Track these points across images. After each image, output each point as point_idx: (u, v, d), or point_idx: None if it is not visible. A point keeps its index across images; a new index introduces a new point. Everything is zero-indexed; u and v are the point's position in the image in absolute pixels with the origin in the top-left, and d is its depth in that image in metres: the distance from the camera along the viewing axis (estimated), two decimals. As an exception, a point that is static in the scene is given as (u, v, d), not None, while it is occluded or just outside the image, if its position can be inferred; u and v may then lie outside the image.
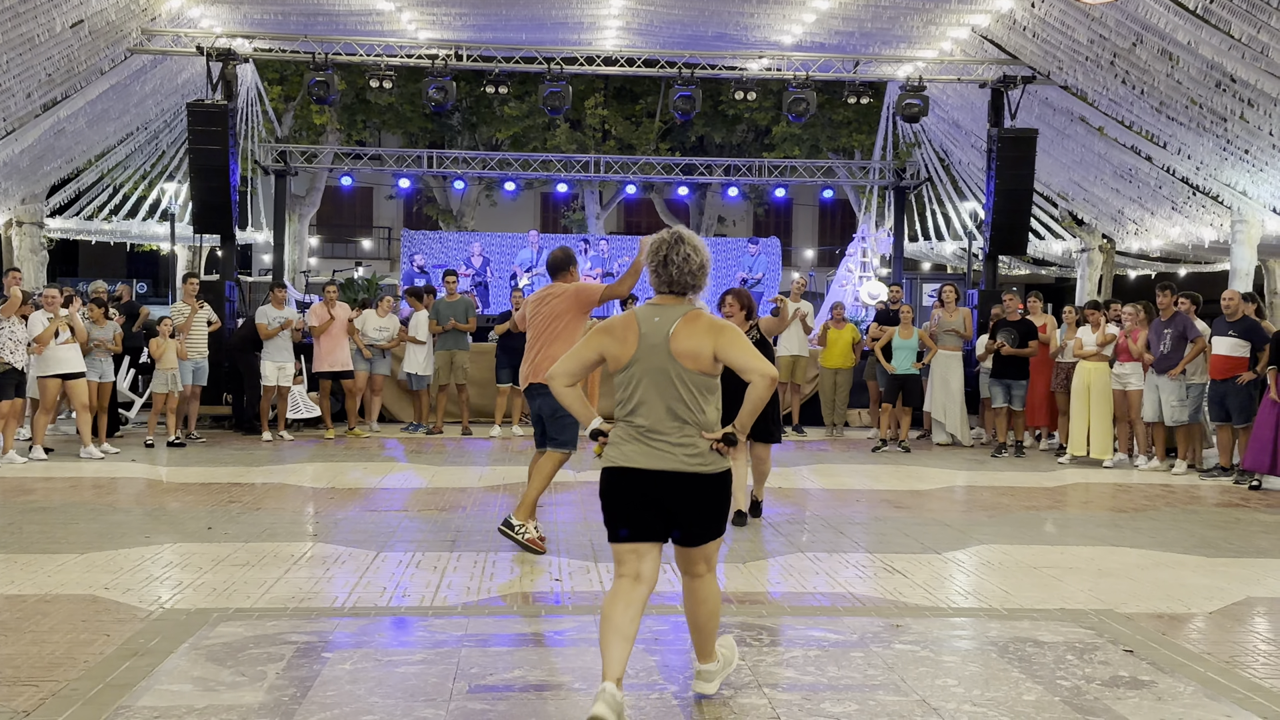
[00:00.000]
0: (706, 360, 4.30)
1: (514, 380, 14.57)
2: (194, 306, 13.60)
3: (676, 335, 4.30)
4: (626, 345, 4.37)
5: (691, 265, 4.39)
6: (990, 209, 17.34)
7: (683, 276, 4.39)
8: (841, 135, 26.45)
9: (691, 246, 4.40)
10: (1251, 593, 6.60)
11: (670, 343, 4.29)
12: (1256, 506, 9.88)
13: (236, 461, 11.78)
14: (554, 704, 4.48)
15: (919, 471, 11.79)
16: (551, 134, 26.97)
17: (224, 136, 15.78)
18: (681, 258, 4.38)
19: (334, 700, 4.49)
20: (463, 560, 7.10)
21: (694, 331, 4.31)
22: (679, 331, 4.30)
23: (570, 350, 4.56)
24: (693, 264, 4.39)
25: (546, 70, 17.23)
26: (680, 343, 4.29)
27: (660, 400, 4.31)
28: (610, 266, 23.11)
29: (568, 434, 7.50)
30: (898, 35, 17.34)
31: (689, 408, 4.30)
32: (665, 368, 4.30)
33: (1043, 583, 6.77)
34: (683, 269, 4.38)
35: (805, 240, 41.05)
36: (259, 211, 26.52)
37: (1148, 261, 26.30)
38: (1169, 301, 11.95)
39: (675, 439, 4.29)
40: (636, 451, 4.31)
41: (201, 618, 5.65)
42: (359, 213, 40.19)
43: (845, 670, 4.97)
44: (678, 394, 4.30)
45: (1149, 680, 4.90)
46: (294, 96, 24.68)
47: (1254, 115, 15.28)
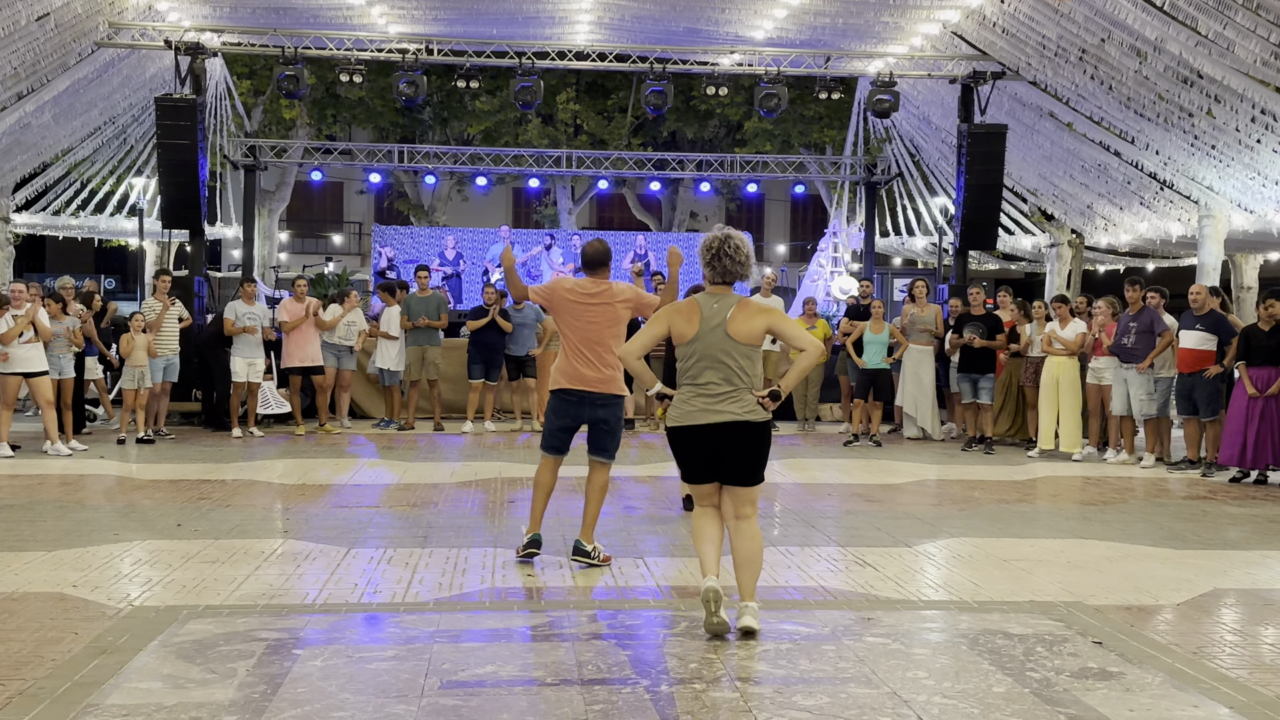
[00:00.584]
0: (758, 337, 5.40)
1: (486, 376, 14.55)
2: (165, 303, 13.50)
3: (734, 319, 5.36)
4: (691, 325, 5.41)
5: (739, 257, 5.40)
6: (960, 204, 17.43)
7: (734, 267, 5.42)
8: (813, 130, 26.51)
9: (738, 242, 5.42)
10: (1218, 584, 6.67)
11: (728, 325, 5.35)
12: (1223, 499, 9.98)
13: (206, 458, 11.71)
14: (526, 699, 4.48)
15: (890, 465, 11.84)
16: (523, 129, 26.91)
17: (192, 131, 15.67)
18: (731, 250, 5.40)
19: (305, 697, 4.47)
20: (435, 556, 7.08)
21: (748, 315, 5.39)
22: (735, 316, 5.37)
23: (643, 329, 5.63)
24: (740, 256, 5.40)
25: (518, 65, 17.19)
26: (737, 325, 5.35)
27: (718, 369, 5.35)
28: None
29: (616, 444, 7.20)
30: (868, 31, 17.39)
31: (741, 374, 5.37)
32: (724, 345, 5.35)
33: (1012, 575, 6.81)
34: (734, 259, 5.41)
35: (777, 236, 41.13)
36: (228, 207, 26.35)
37: (1116, 256, 26.50)
38: (1137, 296, 12.04)
39: (732, 397, 5.34)
40: (699, 410, 5.39)
41: (171, 615, 5.62)
42: (329, 208, 40.00)
43: (817, 663, 4.99)
44: (735, 363, 5.35)
45: (1117, 671, 4.94)
46: (263, 91, 24.53)
47: (1221, 111, 15.42)
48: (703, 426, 5.38)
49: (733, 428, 5.35)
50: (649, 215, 34.45)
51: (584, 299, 6.97)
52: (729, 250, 5.41)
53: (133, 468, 10.99)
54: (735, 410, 5.35)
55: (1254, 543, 8.05)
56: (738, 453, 5.38)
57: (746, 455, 5.40)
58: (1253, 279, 24.75)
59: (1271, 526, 8.73)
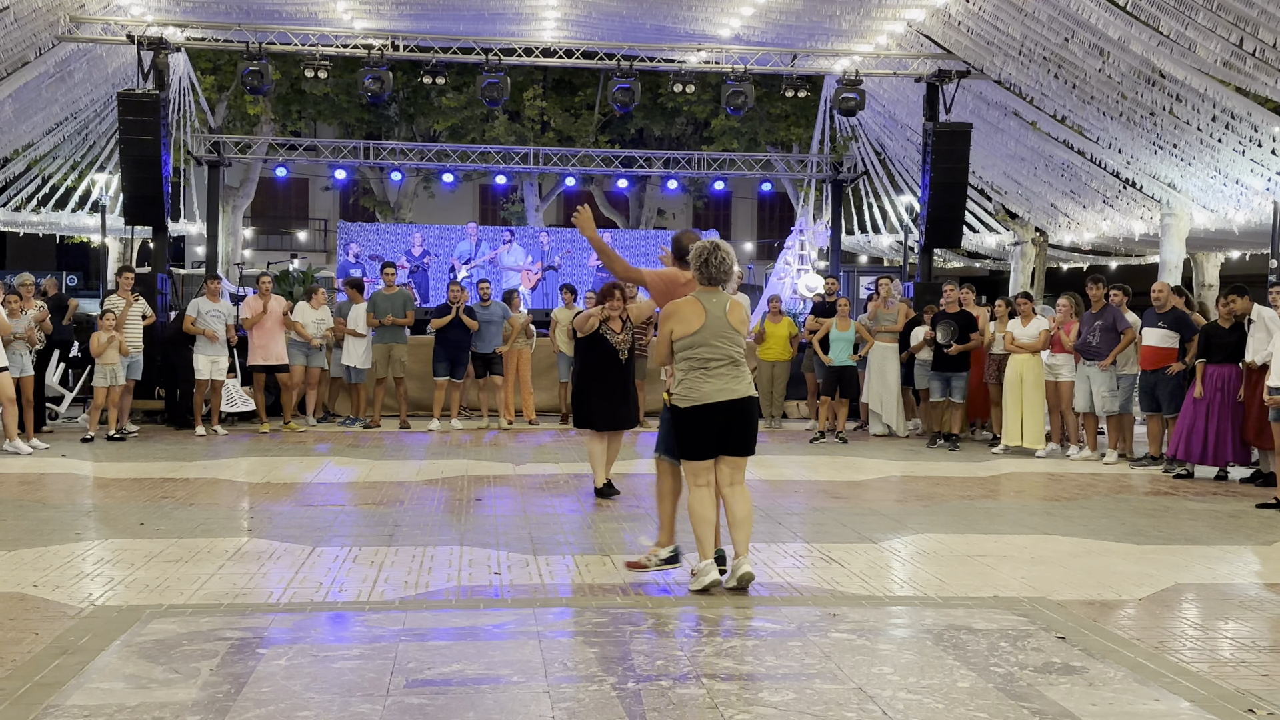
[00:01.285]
0: (745, 327, 6.40)
1: (452, 374, 14.50)
2: (129, 300, 13.37)
3: (731, 311, 6.30)
4: (696, 319, 6.22)
5: (724, 266, 6.30)
6: (925, 202, 17.53)
7: (718, 274, 6.29)
8: (779, 129, 26.59)
9: (724, 253, 6.29)
10: (1180, 579, 6.73)
11: (728, 316, 6.27)
12: (1185, 495, 10.08)
13: (169, 456, 11.61)
14: (492, 697, 4.47)
15: (856, 462, 11.89)
16: (490, 125, 26.84)
17: (156, 127, 15.53)
18: (718, 260, 6.26)
19: (269, 696, 4.44)
20: (400, 555, 7.05)
21: (737, 309, 6.36)
22: (732, 309, 6.31)
23: (656, 341, 6.48)
24: (725, 265, 6.30)
25: (485, 61, 17.15)
26: (734, 315, 6.31)
27: (725, 353, 6.25)
28: (550, 259, 23.08)
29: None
30: (834, 29, 17.45)
31: (740, 358, 6.32)
32: (727, 333, 6.25)
33: (977, 571, 6.86)
34: (719, 267, 6.27)
35: (744, 233, 41.20)
36: (192, 203, 26.15)
37: (1080, 254, 26.73)
38: (1099, 294, 12.15)
39: (738, 377, 6.28)
40: (715, 389, 6.19)
41: (133, 615, 5.57)
42: (294, 204, 39.75)
43: (783, 659, 5.01)
44: (736, 348, 6.29)
45: (1080, 666, 4.98)
46: (227, 86, 24.35)
47: (1183, 110, 15.58)
48: (720, 404, 6.20)
49: (743, 403, 6.26)
50: (616, 213, 34.44)
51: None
52: (716, 259, 6.25)
53: (95, 466, 10.89)
54: (742, 389, 6.28)
55: (1214, 538, 8.14)
56: (745, 425, 6.29)
57: (750, 426, 6.33)
58: (1214, 277, 25.02)
59: (1232, 522, 8.82)
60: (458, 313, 14.29)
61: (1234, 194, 17.60)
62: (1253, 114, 14.95)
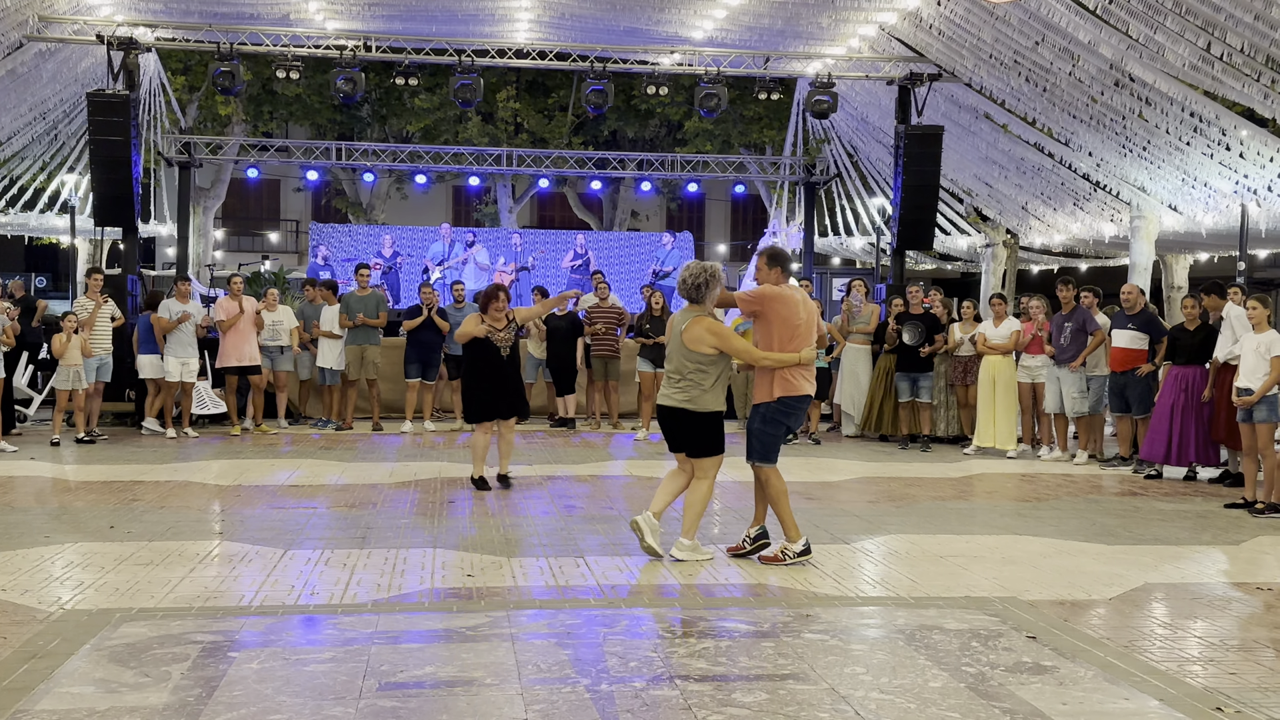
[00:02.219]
0: (705, 345, 6.89)
1: (424, 375, 14.46)
2: (98, 302, 13.26)
3: (688, 329, 6.90)
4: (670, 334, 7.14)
5: (686, 285, 7.00)
6: (898, 205, 17.59)
7: (686, 290, 7.02)
8: (752, 131, 26.64)
9: (688, 272, 7.01)
10: (1149, 579, 6.79)
11: (683, 334, 6.92)
12: (1154, 495, 10.16)
13: (140, 459, 11.53)
14: (465, 699, 4.46)
15: (829, 463, 11.92)
16: (463, 127, 26.77)
17: (125, 127, 15.41)
18: (681, 279, 7.03)
19: (241, 700, 4.42)
20: (373, 557, 7.03)
21: (694, 326, 6.91)
22: (689, 327, 6.91)
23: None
24: (687, 284, 6.99)
25: (458, 62, 17.10)
26: (689, 333, 6.90)
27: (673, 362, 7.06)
28: (524, 260, 23.05)
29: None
30: (807, 32, 17.50)
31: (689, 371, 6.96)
32: (679, 346, 6.96)
33: (949, 571, 6.89)
34: (682, 285, 7.05)
35: (718, 235, 41.29)
36: (162, 204, 25.97)
37: (1050, 256, 26.90)
38: (1070, 295, 12.23)
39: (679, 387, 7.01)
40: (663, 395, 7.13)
41: (104, 618, 5.53)
42: (266, 205, 39.57)
43: (756, 660, 5.02)
44: (684, 361, 6.95)
45: (1051, 665, 5.01)
46: (198, 87, 24.19)
47: (1152, 114, 15.70)
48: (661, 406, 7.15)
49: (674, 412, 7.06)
50: (590, 214, 34.44)
51: (809, 309, 7.28)
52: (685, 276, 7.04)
53: (64, 469, 10.81)
54: (678, 399, 7.00)
55: (1183, 538, 8.21)
56: (684, 433, 7.09)
57: (692, 436, 7.07)
58: (1183, 279, 25.24)
59: (1200, 522, 8.90)
60: (430, 314, 14.25)
61: (1202, 196, 17.75)
62: (1221, 117, 15.08)
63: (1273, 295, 26.53)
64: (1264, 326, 9.43)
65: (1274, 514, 9.09)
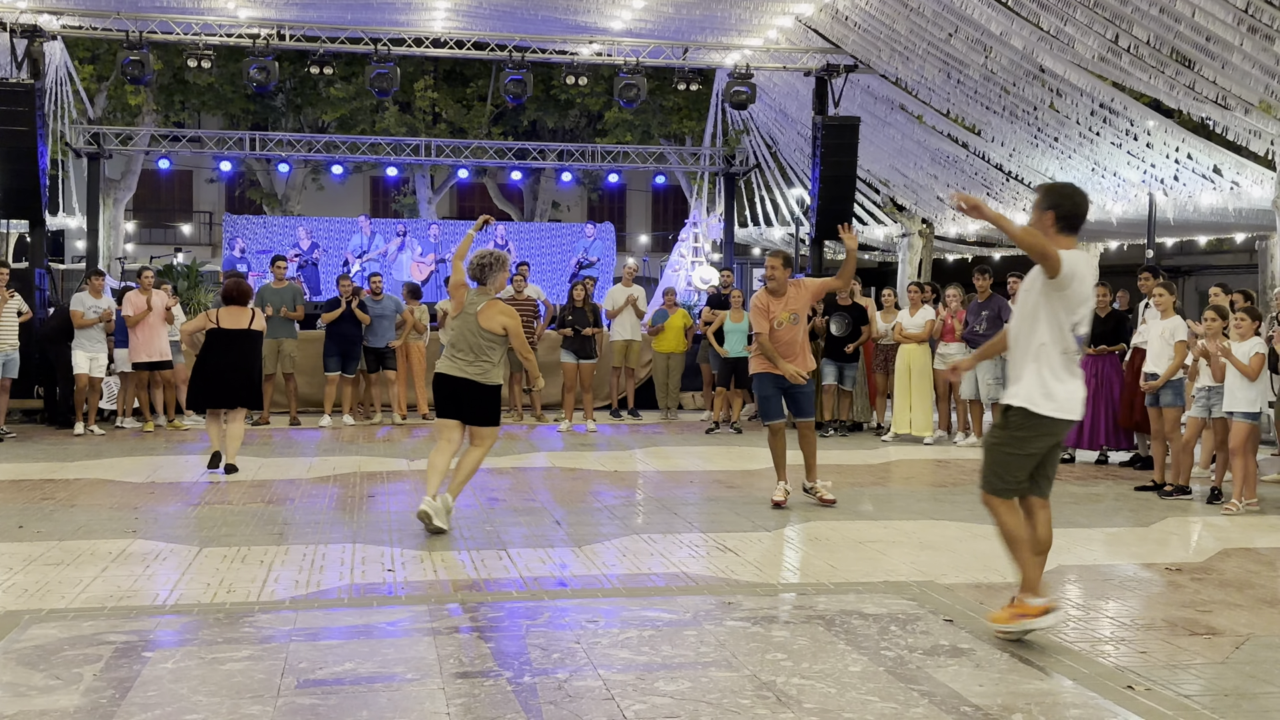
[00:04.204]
0: (497, 326, 7.65)
1: (343, 369, 14.29)
2: (3, 296, 12.91)
3: (483, 310, 7.66)
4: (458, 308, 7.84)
5: (475, 267, 7.82)
6: (816, 195, 17.74)
7: (474, 273, 7.82)
8: (672, 121, 26.66)
9: (478, 257, 7.84)
10: (1062, 561, 6.93)
11: (478, 314, 7.64)
12: (1066, 479, 10.36)
13: (49, 457, 11.27)
14: (386, 695, 4.42)
15: (750, 452, 11.99)
16: (380, 116, 26.45)
17: (31, 117, 15.01)
18: (471, 263, 7.86)
19: (155, 700, 4.34)
20: (291, 554, 6.94)
21: (489, 308, 7.69)
22: (485, 308, 7.68)
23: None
24: (474, 266, 7.82)
25: (374, 51, 16.91)
26: (484, 313, 7.64)
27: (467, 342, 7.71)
28: (442, 253, 22.86)
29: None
30: (724, 23, 17.56)
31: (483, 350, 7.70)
32: (474, 326, 7.65)
33: (867, 557, 6.98)
34: (471, 268, 7.85)
35: (639, 226, 41.30)
36: (71, 196, 25.35)
37: (965, 245, 27.31)
38: (986, 284, 12.42)
39: (474, 362, 7.69)
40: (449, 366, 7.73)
41: (11, 620, 5.39)
42: (178, 197, 38.80)
43: (679, 649, 5.04)
44: (478, 339, 7.65)
45: (968, 648, 5.09)
46: (107, 76, 23.63)
47: (1062, 104, 15.99)
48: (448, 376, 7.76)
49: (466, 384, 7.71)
50: (511, 205, 34.25)
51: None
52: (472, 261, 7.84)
53: (-31, 468, 10.52)
54: (472, 373, 7.67)
55: (1095, 520, 8.40)
56: (469, 403, 7.74)
57: (476, 406, 7.74)
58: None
59: (1112, 505, 9.11)
60: (349, 306, 14.08)
61: (1112, 186, 18.12)
62: (1129, 108, 15.41)
63: (1178, 282, 27.17)
64: (1169, 313, 9.66)
65: (1182, 496, 9.33)
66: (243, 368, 10.37)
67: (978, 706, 4.34)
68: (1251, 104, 13.24)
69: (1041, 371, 5.17)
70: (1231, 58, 12.37)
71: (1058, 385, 5.16)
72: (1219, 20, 11.89)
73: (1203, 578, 6.58)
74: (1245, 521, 8.43)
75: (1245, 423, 8.82)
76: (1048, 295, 5.14)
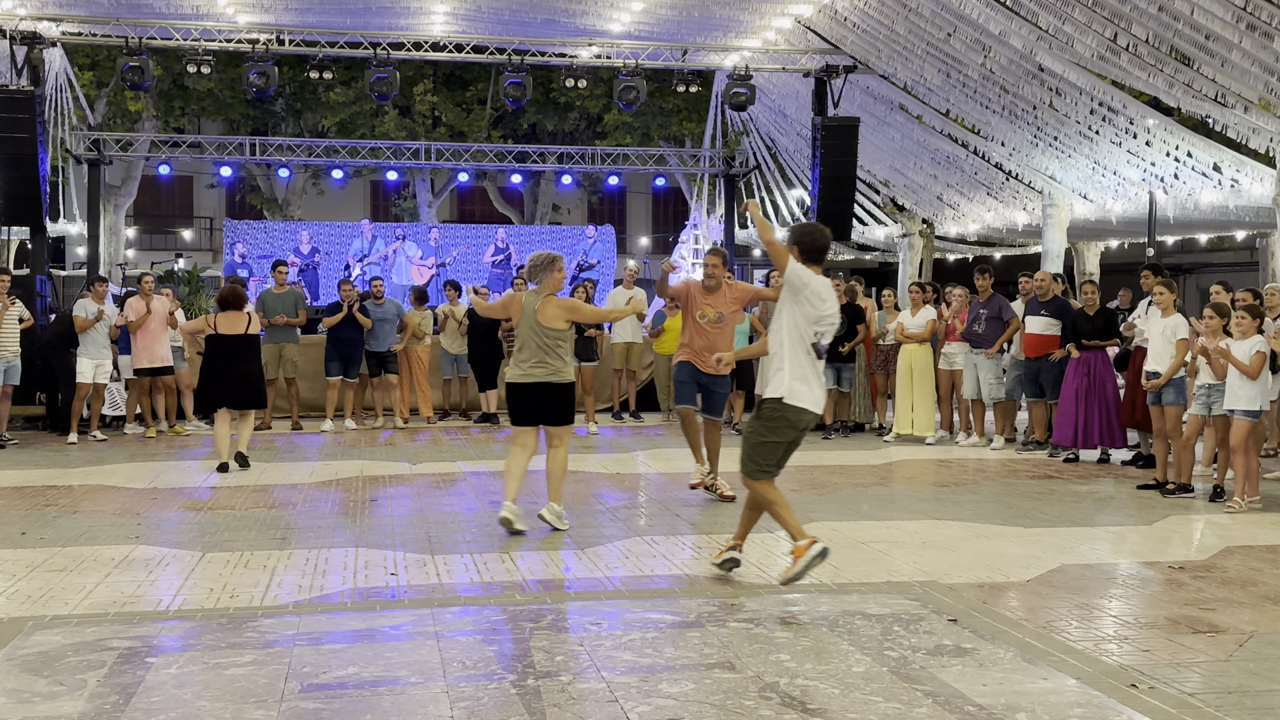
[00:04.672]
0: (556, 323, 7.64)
1: (345, 373, 14.29)
2: (5, 303, 12.91)
3: (540, 310, 7.63)
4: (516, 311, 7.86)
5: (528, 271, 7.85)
6: (815, 196, 17.74)
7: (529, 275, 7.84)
8: (672, 123, 26.68)
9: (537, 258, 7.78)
10: (1065, 560, 6.93)
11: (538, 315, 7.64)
12: (1069, 478, 10.36)
13: (52, 463, 11.27)
14: (389, 699, 4.43)
15: (752, 453, 11.96)
16: (380, 120, 26.48)
17: (31, 124, 15.03)
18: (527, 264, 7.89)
19: (159, 706, 4.34)
20: (294, 558, 6.94)
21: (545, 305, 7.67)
22: (541, 306, 7.65)
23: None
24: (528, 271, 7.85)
25: (373, 55, 16.93)
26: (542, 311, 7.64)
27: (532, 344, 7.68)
28: (443, 256, 22.87)
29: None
30: (724, 24, 17.58)
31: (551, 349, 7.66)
32: (535, 327, 7.63)
33: (870, 557, 6.97)
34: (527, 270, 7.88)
35: (639, 228, 41.31)
36: (71, 202, 25.40)
37: (965, 245, 27.32)
38: (986, 284, 12.42)
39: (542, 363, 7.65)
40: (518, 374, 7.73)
41: (15, 627, 5.40)
42: (179, 202, 38.86)
43: (682, 650, 5.04)
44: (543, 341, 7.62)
45: (971, 648, 5.09)
46: (107, 82, 23.67)
47: (1062, 104, 16.01)
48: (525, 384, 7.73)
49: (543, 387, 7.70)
50: (511, 208, 34.28)
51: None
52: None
53: (-28, 475, 10.52)
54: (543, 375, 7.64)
55: (1097, 519, 8.39)
56: (548, 405, 7.74)
57: (555, 407, 7.73)
58: (1094, 265, 25.78)
59: (1113, 503, 9.11)
60: (350, 311, 14.09)
61: (1112, 184, 18.14)
62: (1128, 106, 15.42)
63: (1179, 280, 27.14)
64: (1170, 311, 9.66)
65: (1184, 494, 9.32)
66: (246, 371, 10.84)
67: (981, 706, 4.34)
68: (1251, 101, 13.25)
69: (792, 371, 6.06)
70: (1231, 55, 12.38)
71: (801, 385, 6.06)
72: (1218, 18, 11.90)
73: (1205, 575, 6.58)
74: (1248, 519, 8.43)
75: (1246, 420, 8.81)
76: (791, 307, 6.09)
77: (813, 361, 6.10)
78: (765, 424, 6.11)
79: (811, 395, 6.08)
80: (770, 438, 6.11)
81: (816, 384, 6.12)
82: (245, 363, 10.84)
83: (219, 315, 10.87)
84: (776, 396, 6.06)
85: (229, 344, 10.76)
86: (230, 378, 10.71)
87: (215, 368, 10.75)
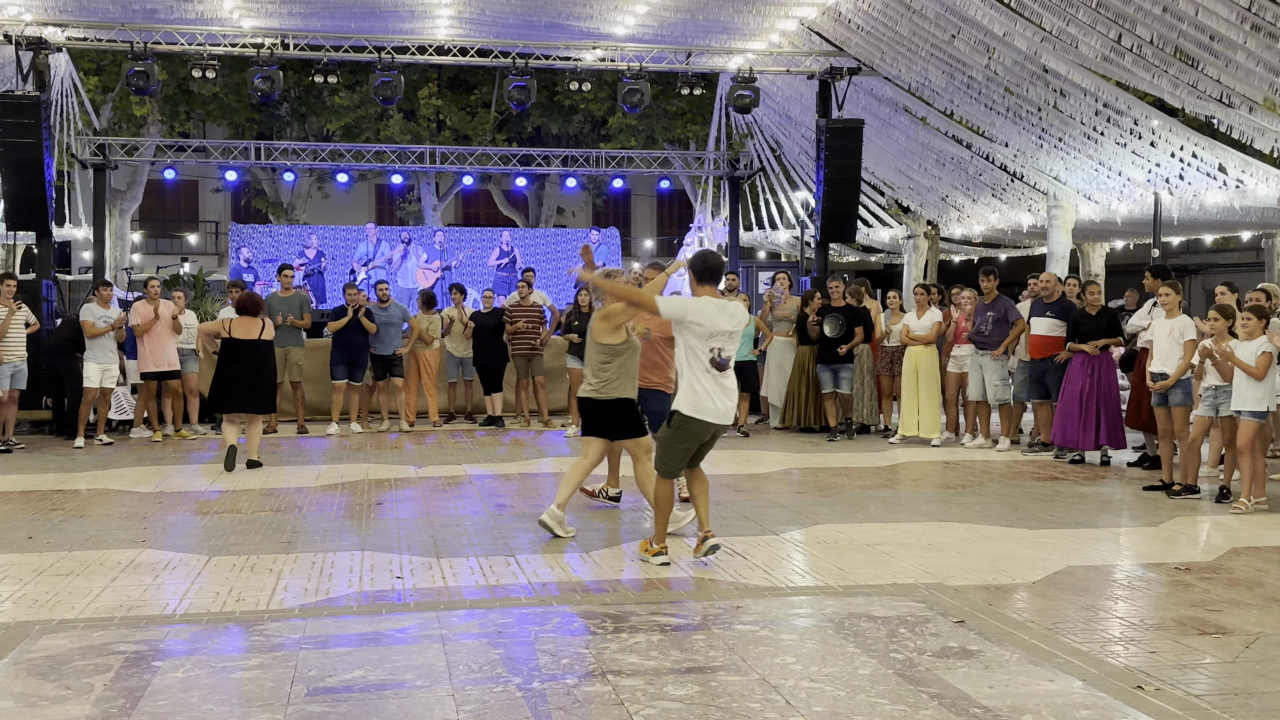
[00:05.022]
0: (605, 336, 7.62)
1: (350, 376, 14.31)
2: (11, 308, 12.93)
3: (593, 328, 7.74)
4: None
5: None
6: (820, 198, 17.73)
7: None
8: (676, 126, 26.70)
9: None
10: (1071, 562, 6.92)
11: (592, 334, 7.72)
12: (1074, 479, 10.35)
13: (58, 467, 11.29)
14: (395, 702, 4.43)
15: (757, 455, 11.99)
16: (384, 124, 26.53)
17: (37, 129, 15.07)
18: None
19: (166, 710, 4.35)
20: (300, 562, 6.95)
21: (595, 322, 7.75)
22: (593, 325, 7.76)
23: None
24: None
25: (377, 59, 16.94)
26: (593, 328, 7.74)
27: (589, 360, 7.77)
28: (449, 260, 22.90)
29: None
30: (728, 27, 17.58)
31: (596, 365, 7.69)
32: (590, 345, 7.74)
33: (876, 559, 6.97)
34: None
35: (644, 230, 41.33)
36: (77, 207, 25.45)
37: (970, 246, 27.30)
38: (992, 285, 12.41)
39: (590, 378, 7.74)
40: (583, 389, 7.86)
41: (22, 631, 5.41)
42: (184, 207, 38.93)
43: (688, 653, 5.04)
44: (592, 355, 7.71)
45: (977, 650, 5.09)
46: (112, 87, 23.72)
47: (1066, 105, 15.99)
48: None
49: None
50: (516, 211, 34.30)
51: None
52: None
53: (-21, 480, 10.54)
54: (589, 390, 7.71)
55: (1102, 520, 8.39)
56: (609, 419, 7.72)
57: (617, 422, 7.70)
58: (1099, 266, 25.74)
59: (1118, 505, 9.10)
60: (355, 314, 14.10)
61: (1117, 186, 18.12)
62: (1133, 108, 15.41)
63: (1185, 281, 27.11)
64: (1175, 312, 9.65)
65: (1190, 495, 9.31)
66: (258, 374, 11.11)
67: (987, 708, 4.34)
68: (1256, 102, 13.24)
69: (694, 386, 6.61)
70: (1235, 56, 12.37)
71: (706, 399, 6.60)
72: (1222, 19, 11.89)
73: (1212, 577, 6.57)
74: (1254, 520, 8.42)
75: (1252, 421, 8.80)
76: (680, 331, 6.66)
77: (715, 376, 6.58)
78: (675, 432, 6.71)
79: (714, 408, 6.60)
80: (679, 445, 6.75)
81: (721, 397, 6.61)
82: (258, 368, 11.09)
83: (234, 320, 11.11)
84: (680, 411, 6.66)
85: (243, 349, 11.00)
86: (243, 381, 10.95)
87: (229, 371, 10.99)
